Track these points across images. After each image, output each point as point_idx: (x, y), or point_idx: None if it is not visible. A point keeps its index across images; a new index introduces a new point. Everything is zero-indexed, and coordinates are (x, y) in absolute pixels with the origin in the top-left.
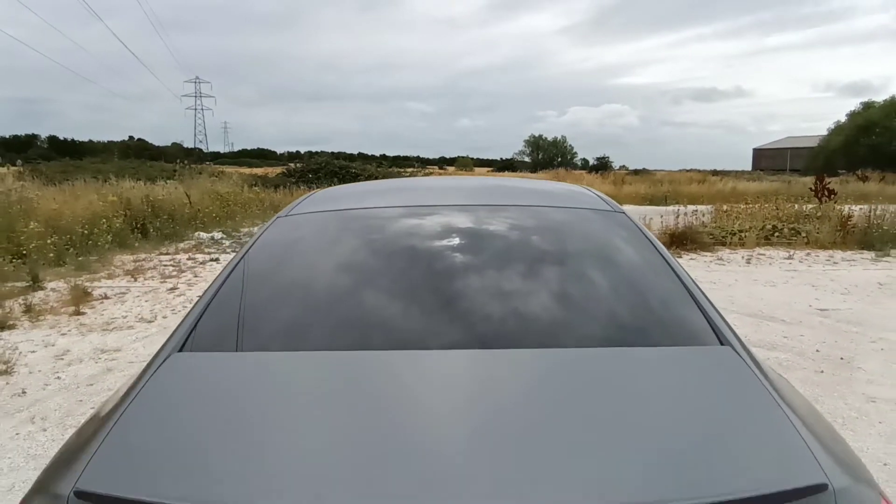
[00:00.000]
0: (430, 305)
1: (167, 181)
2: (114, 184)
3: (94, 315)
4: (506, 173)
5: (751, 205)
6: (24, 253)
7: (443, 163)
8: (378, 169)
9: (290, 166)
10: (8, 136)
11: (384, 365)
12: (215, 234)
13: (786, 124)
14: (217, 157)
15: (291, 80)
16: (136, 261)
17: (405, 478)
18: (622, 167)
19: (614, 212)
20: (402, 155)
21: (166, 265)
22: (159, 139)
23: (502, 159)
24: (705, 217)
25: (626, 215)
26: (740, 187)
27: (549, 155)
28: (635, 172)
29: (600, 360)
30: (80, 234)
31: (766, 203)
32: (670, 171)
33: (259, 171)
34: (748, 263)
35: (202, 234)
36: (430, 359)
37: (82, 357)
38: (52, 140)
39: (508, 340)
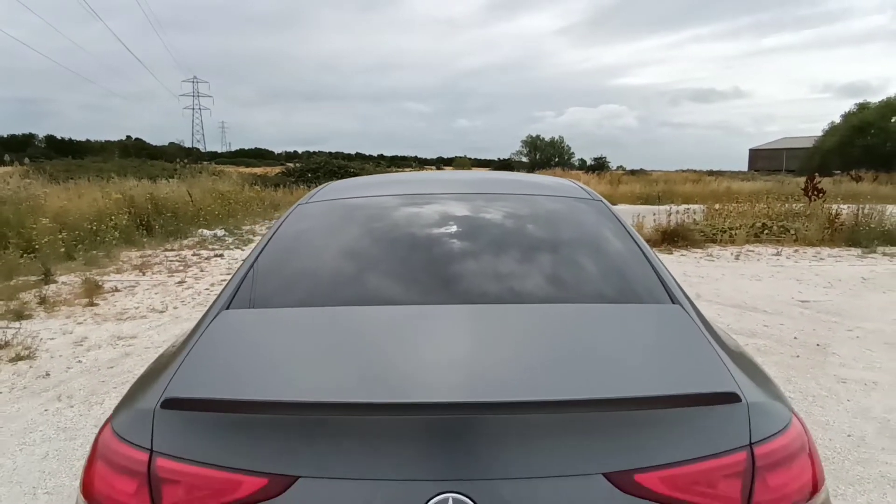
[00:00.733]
0: (433, 271)
1: (168, 180)
2: (116, 182)
3: (107, 306)
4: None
5: (741, 203)
6: (35, 248)
7: (440, 163)
8: (376, 168)
9: (289, 166)
10: (6, 136)
11: (394, 317)
12: (218, 231)
13: (784, 125)
14: (215, 157)
15: (290, 79)
16: (142, 256)
17: (416, 372)
18: (619, 167)
19: (592, 199)
20: (400, 155)
21: (172, 260)
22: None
23: (500, 160)
24: (697, 216)
25: (604, 203)
26: (734, 187)
27: (546, 155)
28: (632, 173)
29: (567, 312)
30: (87, 230)
31: (757, 202)
32: (667, 171)
33: (258, 170)
34: (737, 259)
35: (205, 231)
36: (433, 311)
37: (100, 343)
38: (50, 140)
39: (495, 297)
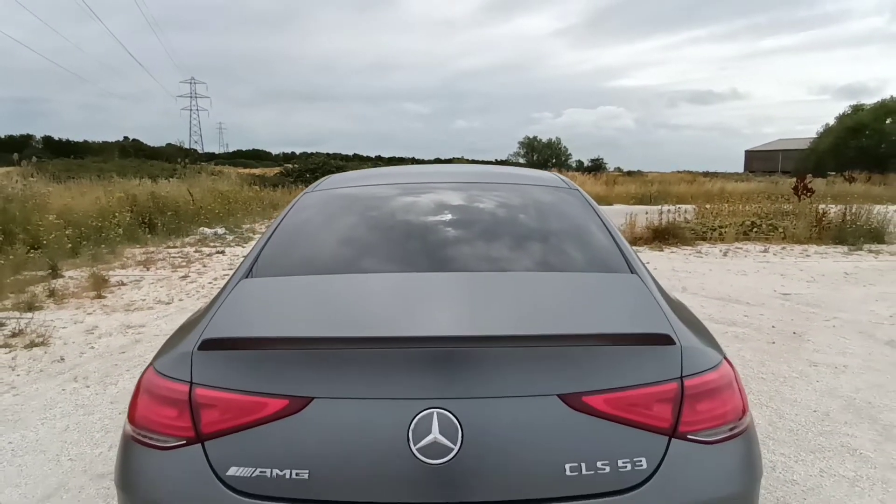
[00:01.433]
0: (426, 246)
1: (169, 179)
2: (118, 181)
3: (115, 298)
4: None
5: (732, 204)
6: (42, 243)
7: (438, 164)
8: None
9: (287, 166)
10: (3, 137)
11: (392, 280)
12: (218, 229)
13: (781, 126)
14: (212, 158)
15: (287, 80)
16: (145, 253)
17: (408, 315)
18: (616, 169)
19: (569, 189)
20: (398, 156)
21: (175, 257)
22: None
23: (497, 161)
24: (689, 214)
25: (580, 191)
26: (728, 187)
27: (543, 156)
28: (628, 174)
29: (539, 277)
30: (91, 226)
31: (748, 202)
32: (663, 173)
33: (256, 171)
34: (725, 256)
35: (206, 229)
36: (426, 276)
37: (111, 331)
38: (48, 140)
39: (479, 267)
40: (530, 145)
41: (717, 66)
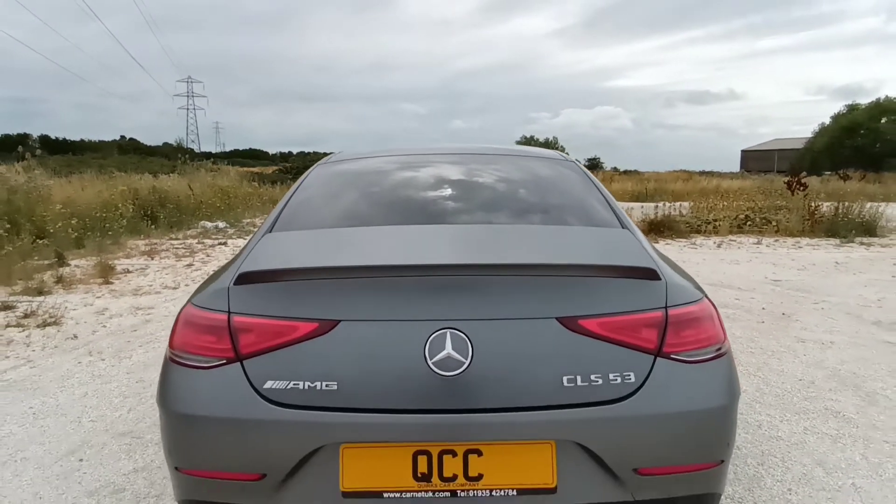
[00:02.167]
0: (436, 205)
1: (169, 175)
2: (119, 176)
3: (122, 284)
4: None
5: (727, 199)
6: (48, 232)
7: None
8: None
9: (286, 165)
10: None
11: (405, 229)
12: (219, 223)
13: (777, 127)
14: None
15: (284, 80)
16: (148, 244)
17: (423, 247)
18: (613, 168)
19: (567, 160)
20: None
21: (178, 248)
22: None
23: None
24: (684, 209)
25: (577, 163)
26: (724, 185)
27: None
28: (625, 173)
29: (539, 229)
30: (95, 217)
31: (743, 198)
32: (659, 172)
33: (254, 170)
34: (718, 247)
35: (207, 223)
36: (439, 227)
37: (121, 312)
38: (44, 140)
39: (485, 220)
40: (527, 145)
41: (714, 66)
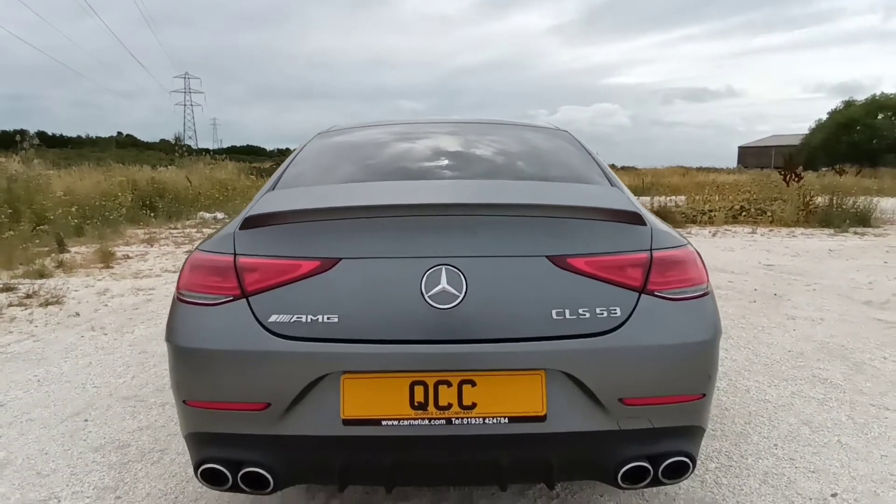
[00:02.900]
0: (432, 165)
1: (167, 167)
2: (117, 167)
3: (122, 268)
4: None
5: (722, 191)
6: (48, 219)
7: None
8: None
9: (283, 159)
10: None
11: (404, 183)
12: (218, 214)
13: (776, 124)
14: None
15: (281, 77)
16: (147, 233)
17: (420, 189)
18: (610, 165)
19: (560, 130)
20: None
21: (177, 236)
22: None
23: None
24: (680, 201)
25: (570, 133)
26: (720, 178)
27: None
28: (623, 169)
29: (532, 184)
30: (94, 206)
31: (739, 191)
32: (657, 168)
33: (253, 165)
34: (713, 236)
35: (205, 214)
36: (439, 182)
37: (123, 293)
38: (41, 136)
39: (481, 176)
40: None
41: (712, 63)
